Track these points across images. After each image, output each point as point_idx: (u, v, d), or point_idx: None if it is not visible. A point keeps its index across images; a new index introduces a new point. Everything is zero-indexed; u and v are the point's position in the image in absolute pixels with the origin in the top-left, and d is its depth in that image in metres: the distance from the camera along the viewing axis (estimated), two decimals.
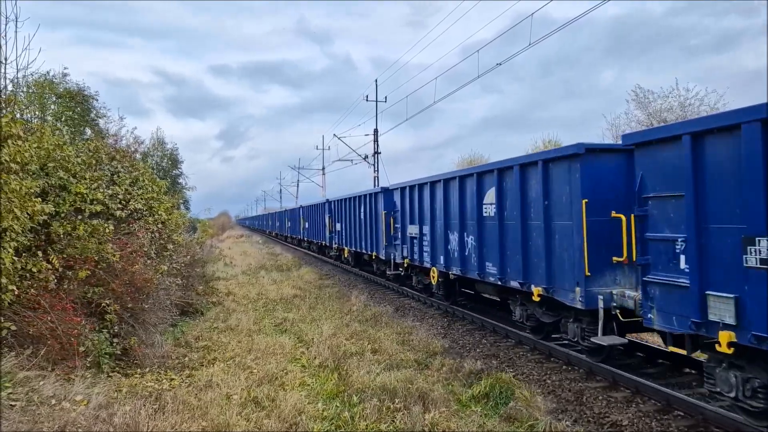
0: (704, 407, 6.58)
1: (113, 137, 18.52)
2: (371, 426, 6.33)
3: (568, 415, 7.01)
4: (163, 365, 8.52)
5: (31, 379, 5.98)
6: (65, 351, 6.99)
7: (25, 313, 6.82)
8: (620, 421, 6.71)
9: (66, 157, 8.58)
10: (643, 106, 28.36)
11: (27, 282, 6.96)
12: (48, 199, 7.91)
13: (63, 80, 18.68)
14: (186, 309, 13.08)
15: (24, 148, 6.80)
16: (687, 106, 26.79)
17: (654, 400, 7.24)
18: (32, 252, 7.35)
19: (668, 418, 6.73)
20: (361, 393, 7.36)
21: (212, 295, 15.62)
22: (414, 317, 13.64)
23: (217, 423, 6.03)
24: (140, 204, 11.00)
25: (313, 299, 16.23)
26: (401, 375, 8.06)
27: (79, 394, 5.99)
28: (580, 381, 8.29)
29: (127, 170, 11.52)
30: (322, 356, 9.35)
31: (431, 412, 6.45)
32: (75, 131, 17.53)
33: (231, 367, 8.54)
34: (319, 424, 6.42)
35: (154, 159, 29.87)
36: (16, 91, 11.07)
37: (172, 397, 6.50)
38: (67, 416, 5.38)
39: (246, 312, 13.46)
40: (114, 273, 8.61)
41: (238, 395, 7.05)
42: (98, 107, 19.97)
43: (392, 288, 18.60)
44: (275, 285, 19.22)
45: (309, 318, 13.20)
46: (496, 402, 7.32)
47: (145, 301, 9.24)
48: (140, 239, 9.87)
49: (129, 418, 5.58)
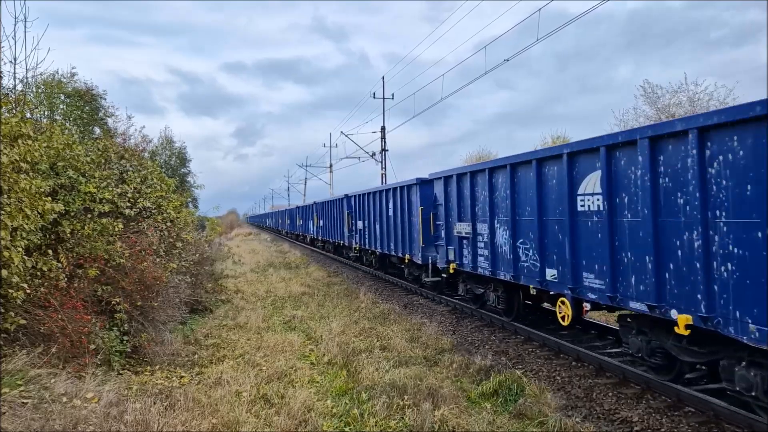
0: (715, 403, 6.53)
1: (122, 136, 18.61)
2: (381, 423, 6.32)
3: (578, 411, 6.99)
4: (173, 363, 8.56)
5: (43, 376, 6.01)
6: (76, 349, 7.03)
7: (35, 311, 6.86)
8: (630, 418, 6.68)
9: (75, 156, 8.62)
10: (652, 102, 28.20)
11: (38, 281, 7.00)
12: (58, 198, 7.95)
13: (71, 80, 18.77)
14: (195, 307, 13.13)
15: (34, 148, 6.84)
16: (696, 101, 26.61)
17: (664, 396, 7.20)
18: (43, 251, 7.40)
19: (679, 415, 6.69)
20: (370, 390, 7.36)
21: (221, 292, 15.67)
22: (423, 314, 13.63)
23: (227, 420, 6.04)
24: (149, 202, 11.04)
25: (321, 296, 16.25)
26: (410, 372, 8.06)
27: (90, 391, 6.02)
28: (590, 377, 8.25)
29: (136, 169, 11.56)
30: (331, 353, 9.35)
31: (441, 408, 6.44)
32: (84, 130, 17.60)
33: (240, 364, 8.57)
34: (328, 420, 6.43)
35: (162, 157, 29.97)
36: (25, 90, 11.12)
37: (183, 395, 6.52)
38: (79, 414, 5.41)
39: (255, 309, 13.49)
40: (123, 271, 8.65)
41: (247, 392, 7.07)
42: (106, 106, 20.07)
43: (401, 285, 18.58)
44: (284, 282, 19.26)
45: (318, 315, 13.22)
46: (506, 398, 7.29)
47: (155, 299, 9.27)
48: (149, 237, 9.91)
49: (140, 415, 5.60)
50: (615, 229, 7.60)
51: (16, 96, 8.91)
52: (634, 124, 27.09)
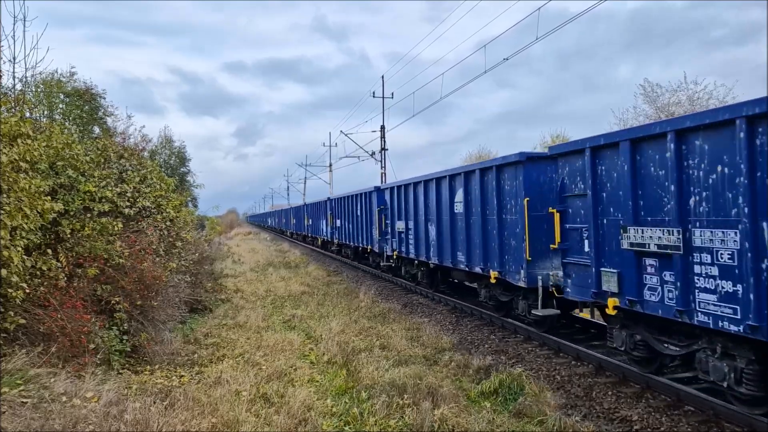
0: (715, 402, 6.54)
1: (121, 135, 18.60)
2: (380, 422, 6.32)
3: (578, 410, 6.99)
4: (173, 362, 8.56)
5: (42, 376, 6.01)
6: (75, 348, 7.02)
7: (35, 310, 6.86)
8: (630, 417, 6.68)
9: (75, 155, 8.62)
10: (651, 101, 28.22)
11: (37, 280, 7.00)
12: (57, 198, 7.95)
13: (71, 79, 18.76)
14: (195, 306, 13.13)
15: (33, 147, 6.83)
16: (696, 99, 26.63)
17: (664, 395, 7.20)
18: (42, 250, 7.39)
19: (678, 414, 6.70)
20: (370, 389, 7.36)
21: (221, 292, 15.66)
22: (422, 313, 13.63)
23: (227, 419, 6.04)
24: (149, 202, 11.03)
25: (321, 296, 16.25)
26: (410, 371, 8.06)
27: (90, 391, 6.01)
28: (589, 376, 8.26)
29: (136, 168, 11.56)
30: (331, 352, 9.35)
31: (441, 407, 6.44)
32: (83, 130, 17.59)
33: (240, 363, 8.56)
34: (328, 420, 6.43)
35: (162, 157, 29.96)
36: (25, 90, 11.11)
37: (182, 394, 6.52)
38: (78, 413, 5.41)
39: (254, 309, 13.49)
40: (123, 270, 8.64)
41: (247, 392, 7.06)
42: (106, 105, 20.05)
43: (401, 284, 18.60)
44: (283, 282, 19.26)
45: (317, 314, 13.22)
46: (505, 397, 7.30)
47: (155, 298, 9.27)
48: (149, 237, 9.91)
49: (139, 414, 5.59)
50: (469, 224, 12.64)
51: (16, 95, 8.91)
52: (634, 123, 27.11)
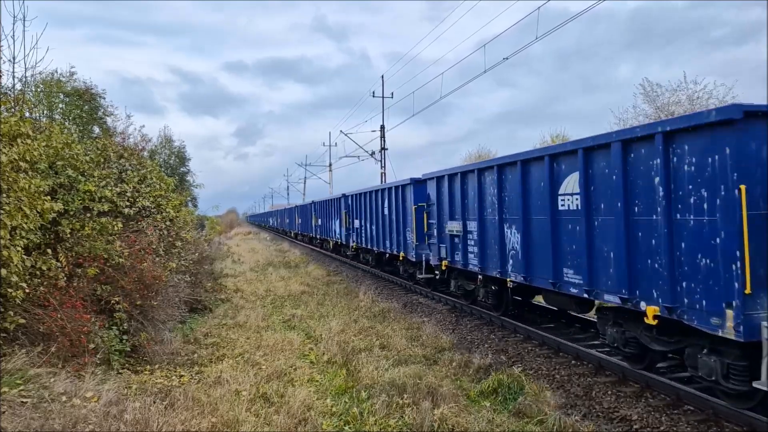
0: (715, 402, 6.54)
1: (121, 135, 18.60)
2: (380, 421, 6.33)
3: (578, 409, 6.99)
4: (173, 362, 8.56)
5: (42, 376, 6.01)
6: (75, 348, 7.03)
7: (35, 310, 6.86)
8: (630, 416, 6.68)
9: (74, 155, 8.62)
10: (651, 100, 28.21)
11: (37, 280, 7.00)
12: (57, 198, 7.95)
13: (71, 79, 18.76)
14: (195, 306, 13.13)
15: (33, 147, 6.83)
16: (695, 99, 26.62)
17: (664, 394, 7.21)
18: (42, 250, 7.39)
19: (678, 413, 6.70)
20: (369, 389, 7.37)
21: (221, 291, 15.67)
22: (422, 313, 13.63)
23: (227, 419, 6.04)
24: (148, 201, 11.03)
25: (321, 296, 16.25)
26: (410, 370, 8.06)
27: (90, 390, 6.02)
28: (589, 376, 8.26)
29: (135, 168, 11.56)
30: (331, 352, 9.36)
31: (440, 407, 6.44)
32: (83, 129, 17.60)
33: (240, 363, 8.57)
34: (328, 419, 6.43)
35: (162, 157, 29.96)
36: (24, 89, 11.11)
37: (182, 394, 6.52)
38: (78, 413, 5.41)
39: (254, 308, 13.49)
40: (123, 270, 8.64)
41: (247, 391, 7.06)
42: (105, 105, 20.06)
43: (400, 284, 18.59)
44: (283, 282, 19.26)
45: (317, 314, 13.22)
46: (505, 397, 7.30)
47: (154, 298, 9.27)
48: (149, 236, 9.91)
49: (139, 414, 5.60)
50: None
51: (16, 95, 8.91)
52: (634, 123, 27.11)
